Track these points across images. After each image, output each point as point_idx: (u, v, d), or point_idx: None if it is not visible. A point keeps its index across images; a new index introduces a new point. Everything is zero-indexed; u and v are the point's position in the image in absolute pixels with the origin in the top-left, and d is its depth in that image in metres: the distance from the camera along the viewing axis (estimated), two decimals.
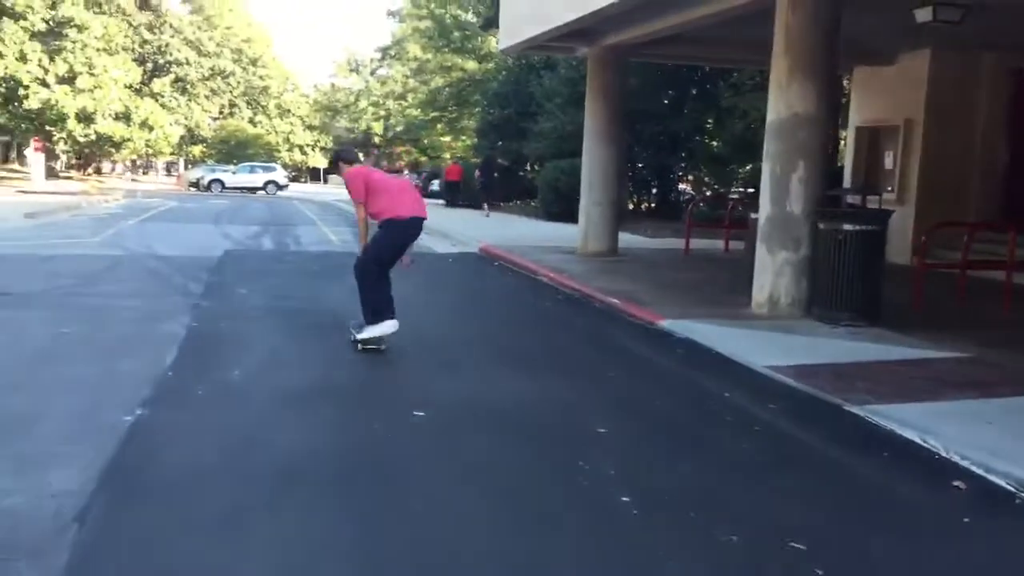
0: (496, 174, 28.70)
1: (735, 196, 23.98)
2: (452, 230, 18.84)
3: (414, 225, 7.05)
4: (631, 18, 11.76)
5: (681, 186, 29.37)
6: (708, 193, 26.30)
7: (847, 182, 16.36)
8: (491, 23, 34.37)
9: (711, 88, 26.47)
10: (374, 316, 6.98)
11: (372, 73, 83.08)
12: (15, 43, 42.81)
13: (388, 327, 6.99)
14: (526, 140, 28.25)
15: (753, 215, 9.77)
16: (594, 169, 14.31)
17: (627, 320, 8.92)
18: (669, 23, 11.60)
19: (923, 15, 9.68)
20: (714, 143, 27.61)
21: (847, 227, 8.35)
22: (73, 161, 60.07)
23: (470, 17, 49.12)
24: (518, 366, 6.68)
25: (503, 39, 14.73)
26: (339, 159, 7.34)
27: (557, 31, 12.51)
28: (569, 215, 22.07)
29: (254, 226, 19.99)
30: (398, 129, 71.92)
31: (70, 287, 9.66)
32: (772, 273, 9.04)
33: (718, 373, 6.69)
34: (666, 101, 26.32)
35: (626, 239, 16.15)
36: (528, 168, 32.15)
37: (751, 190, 28.65)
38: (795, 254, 8.94)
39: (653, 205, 28.06)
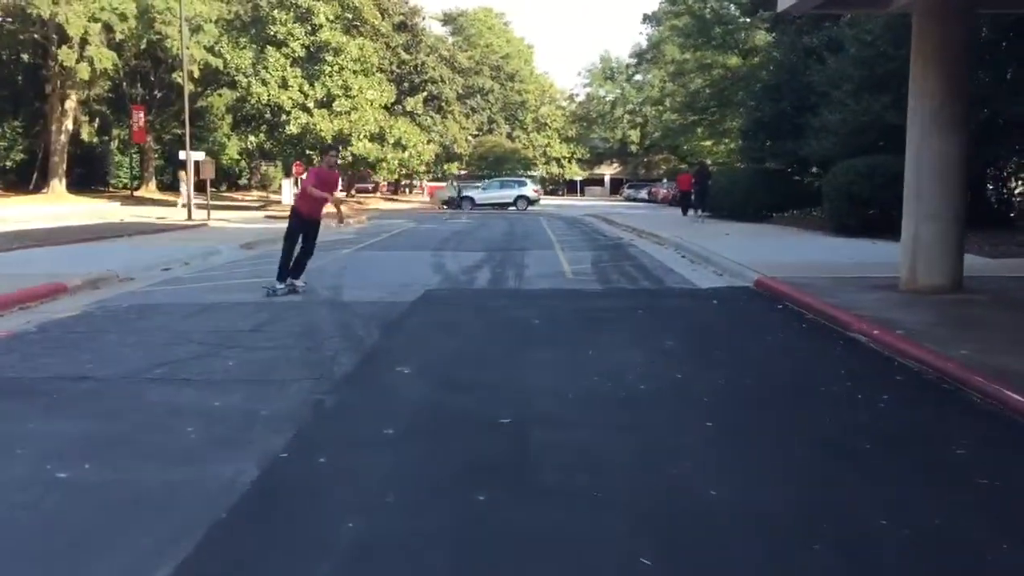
0: (709, 181, 29.37)
1: None
2: (714, 252, 14.92)
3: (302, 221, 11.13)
4: None
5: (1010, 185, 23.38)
6: None
7: None
8: (759, 5, 29.95)
9: None
10: (279, 274, 10.89)
11: (628, 80, 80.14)
12: (277, 70, 43.70)
13: (286, 284, 10.89)
14: (803, 138, 23.59)
15: None
16: (924, 168, 9.92)
17: None
18: None
19: None
20: None
21: None
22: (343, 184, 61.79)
23: (731, 10, 44.77)
24: None
25: None
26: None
27: None
28: (868, 229, 17.48)
29: (479, 252, 17.15)
30: (655, 136, 68.33)
31: (180, 362, 6.93)
32: None
33: None
34: (986, 78, 20.79)
35: None
36: (804, 171, 27.31)
37: None
38: None
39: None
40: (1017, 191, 23.58)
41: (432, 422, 5.33)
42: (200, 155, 31.51)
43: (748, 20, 39.69)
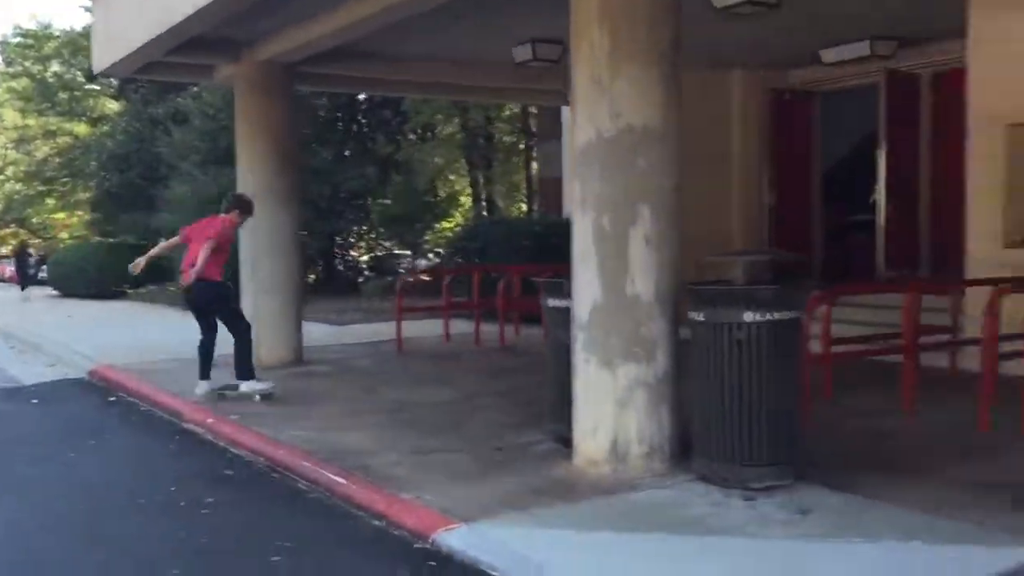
0: (31, 259, 30.24)
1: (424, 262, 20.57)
2: (49, 338, 13.17)
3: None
4: (299, 10, 7.63)
5: (352, 254, 25.32)
6: (418, 264, 22.82)
7: None
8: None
9: (371, 144, 23.05)
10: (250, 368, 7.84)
11: None
12: None
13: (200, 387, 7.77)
14: (156, 210, 22.68)
15: (553, 301, 5.91)
16: (260, 242, 9.77)
17: (375, 533, 4.59)
18: (357, 14, 7.63)
19: None
20: (387, 201, 24.06)
21: (753, 317, 4.74)
22: None
23: (76, 75, 42.02)
24: None
25: (100, 56, 9.79)
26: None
27: (183, 31, 7.96)
28: None
29: None
30: None
31: None
32: (614, 403, 5.19)
33: None
34: (327, 157, 22.34)
35: (306, 331, 11.70)
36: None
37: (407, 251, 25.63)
38: (649, 368, 5.18)
39: (319, 279, 23.65)
40: (361, 259, 25.67)
41: None
42: None
43: (96, 87, 37.61)
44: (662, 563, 3.86)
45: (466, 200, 27.80)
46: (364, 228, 23.86)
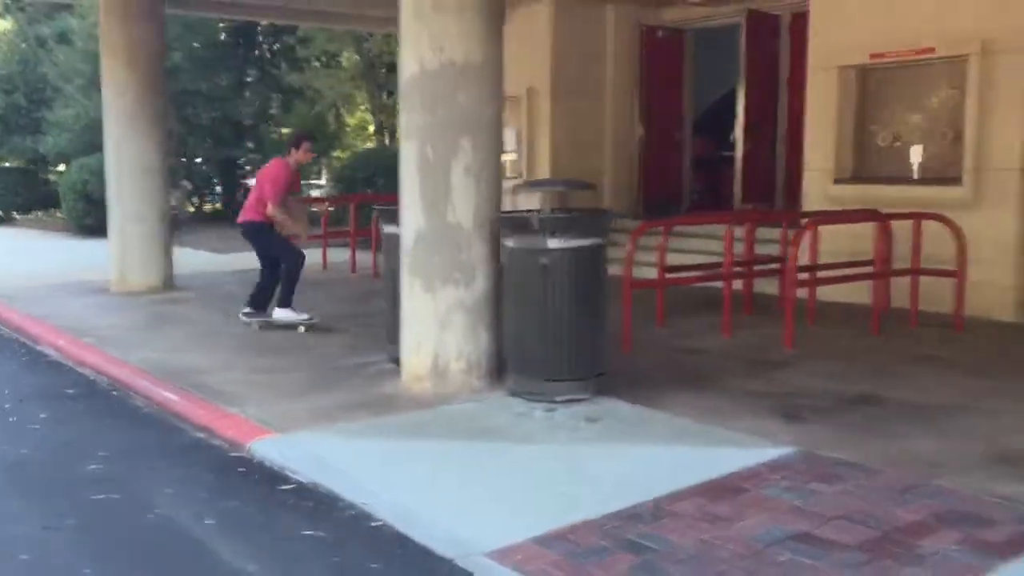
0: None
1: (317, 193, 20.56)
2: None
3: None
4: None
5: (250, 181, 25.00)
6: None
7: None
8: None
9: (273, 69, 22.72)
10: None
11: None
12: None
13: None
14: (42, 134, 22.03)
15: (388, 228, 6.18)
16: (124, 169, 9.72)
17: (195, 443, 4.86)
18: None
19: None
20: (283, 130, 23.79)
21: (556, 244, 5.07)
22: None
23: None
24: None
25: None
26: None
27: None
28: (107, 229, 16.93)
29: None
30: None
31: None
32: (435, 324, 5.51)
33: None
34: (223, 83, 21.91)
35: (186, 259, 11.80)
36: (46, 169, 25.58)
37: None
38: (468, 291, 5.50)
39: (219, 207, 23.40)
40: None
41: None
42: None
43: None
44: (446, 464, 4.22)
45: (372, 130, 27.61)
46: (262, 157, 23.56)
